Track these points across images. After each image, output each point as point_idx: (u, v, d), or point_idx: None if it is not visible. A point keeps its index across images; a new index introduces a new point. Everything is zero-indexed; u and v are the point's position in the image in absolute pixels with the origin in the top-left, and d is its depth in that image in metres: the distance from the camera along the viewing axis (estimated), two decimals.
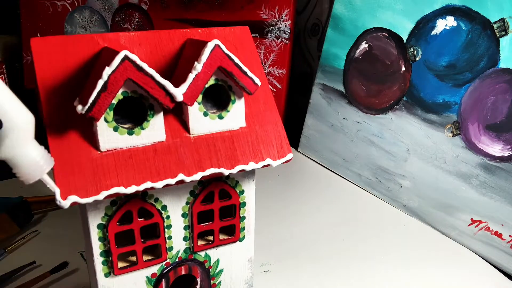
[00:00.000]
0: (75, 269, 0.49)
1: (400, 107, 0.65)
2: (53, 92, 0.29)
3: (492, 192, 0.54)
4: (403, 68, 0.64)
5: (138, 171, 0.29)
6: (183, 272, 0.36)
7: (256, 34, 0.86)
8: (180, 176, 0.30)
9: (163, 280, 0.35)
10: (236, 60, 0.30)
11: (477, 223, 0.56)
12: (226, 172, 0.32)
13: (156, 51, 0.32)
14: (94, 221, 0.30)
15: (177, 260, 0.35)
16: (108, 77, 0.26)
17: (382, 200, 0.67)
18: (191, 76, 0.29)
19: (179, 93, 0.29)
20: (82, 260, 0.51)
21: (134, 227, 0.32)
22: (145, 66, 0.27)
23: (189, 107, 0.31)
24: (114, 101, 0.28)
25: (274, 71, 0.88)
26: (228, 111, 0.33)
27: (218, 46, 0.29)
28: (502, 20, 0.53)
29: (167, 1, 0.95)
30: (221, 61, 0.30)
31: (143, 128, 0.30)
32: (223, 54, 0.30)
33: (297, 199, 0.66)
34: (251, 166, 0.33)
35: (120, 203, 0.31)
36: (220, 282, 0.38)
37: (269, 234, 0.57)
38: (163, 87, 0.28)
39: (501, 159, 0.53)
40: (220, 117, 0.32)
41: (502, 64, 0.53)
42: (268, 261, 0.52)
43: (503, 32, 0.53)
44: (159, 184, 0.29)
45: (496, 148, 0.54)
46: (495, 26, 0.54)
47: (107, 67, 0.26)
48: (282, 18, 0.85)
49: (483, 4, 0.55)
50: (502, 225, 0.53)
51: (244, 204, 0.36)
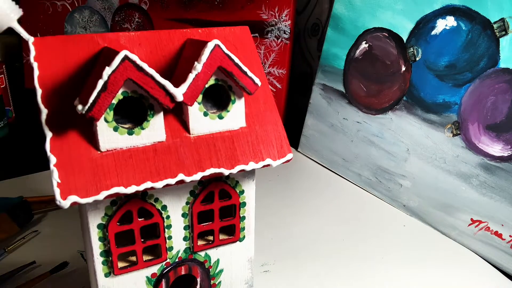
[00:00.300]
0: (75, 269, 0.49)
1: (400, 107, 0.65)
2: (53, 92, 0.29)
3: (492, 192, 0.54)
4: (403, 68, 0.64)
5: (138, 171, 0.29)
6: (183, 272, 0.36)
7: (256, 34, 0.86)
8: (180, 176, 0.30)
9: (163, 280, 0.35)
10: (236, 60, 0.30)
11: (477, 223, 0.56)
12: (226, 172, 0.32)
13: (156, 51, 0.32)
14: (94, 221, 0.30)
15: (177, 260, 0.35)
16: (108, 77, 0.26)
17: (382, 200, 0.67)
18: (191, 76, 0.29)
19: (179, 93, 0.28)
20: (82, 260, 0.51)
21: (134, 227, 0.32)
22: (145, 66, 0.27)
23: (189, 107, 0.31)
24: (114, 101, 0.28)
25: (274, 71, 0.88)
26: (228, 111, 0.33)
27: (218, 46, 0.29)
28: (502, 20, 0.53)
29: (167, 1, 0.95)
30: (221, 61, 0.30)
31: (143, 128, 0.30)
32: (223, 54, 0.30)
33: (297, 199, 0.66)
34: (251, 166, 0.33)
35: (120, 203, 0.31)
36: (220, 282, 0.38)
37: (269, 234, 0.57)
38: (163, 87, 0.28)
39: (501, 159, 0.53)
40: (220, 117, 0.32)
41: (502, 64, 0.53)
42: (268, 261, 0.52)
43: (503, 32, 0.53)
44: (159, 184, 0.29)
45: (496, 148, 0.54)
46: (495, 26, 0.54)
47: (107, 67, 0.26)
48: (282, 18, 0.85)
49: (483, 4, 0.55)
50: (502, 225, 0.53)
51: (244, 204, 0.36)
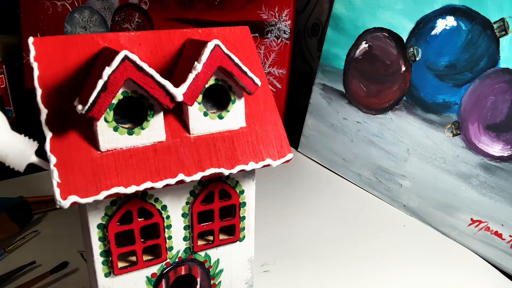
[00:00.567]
0: (75, 269, 0.49)
1: (400, 107, 0.65)
2: (53, 92, 0.29)
3: (492, 192, 0.54)
4: (403, 68, 0.64)
5: (138, 171, 0.29)
6: (183, 272, 0.36)
7: (256, 34, 0.86)
8: (180, 176, 0.30)
9: (163, 280, 0.35)
10: (236, 60, 0.30)
11: (477, 223, 0.56)
12: (226, 172, 0.32)
13: (156, 51, 0.32)
14: (94, 221, 0.30)
15: (177, 260, 0.35)
16: (108, 77, 0.26)
17: (382, 200, 0.67)
18: (191, 76, 0.29)
19: (179, 93, 0.28)
20: (82, 260, 0.51)
21: (134, 227, 0.32)
22: (145, 66, 0.27)
23: (189, 107, 0.31)
24: (114, 101, 0.28)
25: (274, 71, 0.88)
26: (228, 111, 0.33)
27: (218, 46, 0.29)
28: (502, 20, 0.53)
29: (167, 1, 0.95)
30: (221, 61, 0.30)
31: (143, 128, 0.30)
32: (223, 54, 0.30)
33: (297, 199, 0.66)
34: (251, 166, 0.33)
35: (120, 203, 0.31)
36: (220, 282, 0.38)
37: (269, 234, 0.57)
38: (163, 87, 0.28)
39: (501, 159, 0.53)
40: (220, 117, 0.32)
41: (502, 64, 0.53)
42: (268, 261, 0.52)
43: (503, 32, 0.53)
44: (159, 184, 0.29)
45: (496, 148, 0.54)
46: (495, 26, 0.54)
47: (107, 67, 0.26)
48: (282, 18, 0.85)
49: (483, 4, 0.55)
50: (502, 225, 0.53)
51: (244, 204, 0.36)
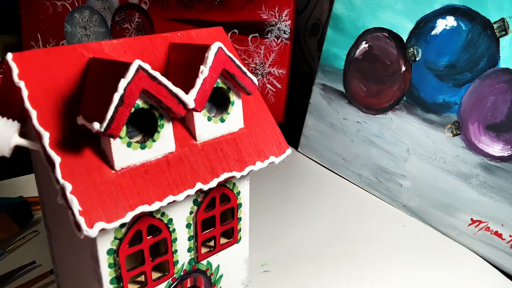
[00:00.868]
0: None
1: (400, 107, 0.65)
2: (48, 111, 0.26)
3: (492, 192, 0.54)
4: (403, 68, 0.64)
5: (157, 186, 0.28)
6: (189, 285, 0.35)
7: (256, 34, 0.86)
8: (198, 185, 0.29)
9: None
10: (237, 61, 0.30)
11: (477, 223, 0.56)
12: (238, 175, 0.31)
13: (142, 58, 0.31)
14: (103, 247, 0.28)
15: (182, 273, 0.34)
16: (124, 89, 0.24)
17: (382, 200, 0.67)
18: (198, 81, 0.28)
19: (190, 100, 0.27)
20: None
21: (143, 246, 0.30)
22: (157, 75, 0.26)
23: (194, 114, 0.30)
24: None
25: (274, 71, 0.88)
26: (228, 113, 0.32)
27: (221, 48, 0.29)
28: (502, 20, 0.53)
29: (167, 1, 0.95)
30: (224, 63, 0.29)
31: (154, 141, 0.28)
32: (226, 56, 0.29)
33: (297, 199, 0.66)
34: (258, 165, 0.33)
35: (130, 223, 0.29)
36: None
37: (269, 234, 0.57)
38: (175, 96, 0.27)
39: (501, 159, 0.53)
40: (222, 120, 0.32)
41: (502, 64, 0.53)
42: (268, 261, 0.52)
43: (503, 32, 0.53)
44: (181, 197, 0.28)
45: (496, 148, 0.54)
46: (495, 26, 0.54)
47: (122, 79, 0.24)
48: (282, 18, 0.85)
49: (483, 4, 0.55)
50: (502, 225, 0.53)
51: (240, 205, 0.36)
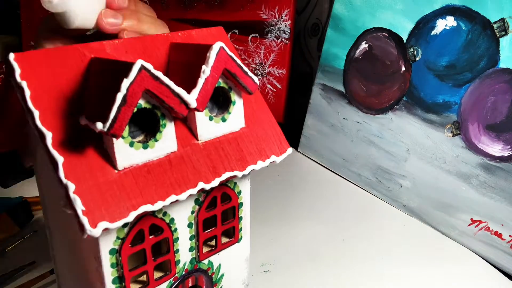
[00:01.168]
0: None
1: (400, 107, 0.65)
2: (50, 111, 0.26)
3: (492, 192, 0.54)
4: (403, 68, 0.64)
5: (160, 185, 0.28)
6: (190, 284, 0.35)
7: (256, 34, 0.86)
8: (201, 185, 0.29)
9: None
10: (238, 60, 0.30)
11: (477, 223, 0.56)
12: (240, 174, 0.31)
13: (144, 57, 0.31)
14: (106, 247, 0.28)
15: (183, 273, 0.34)
16: (127, 89, 0.24)
17: (382, 200, 0.67)
18: (200, 81, 0.28)
19: (192, 99, 0.27)
20: None
21: (146, 246, 0.30)
22: (160, 74, 0.26)
23: (196, 113, 0.30)
24: None
25: (274, 71, 0.88)
26: (229, 113, 0.32)
27: (223, 48, 0.29)
28: (502, 20, 0.53)
29: (167, 1, 0.95)
30: (225, 62, 0.29)
31: (156, 140, 0.28)
32: (227, 56, 0.29)
33: (297, 199, 0.66)
34: (259, 165, 0.32)
35: (132, 223, 0.29)
36: (221, 287, 0.38)
37: (269, 234, 0.57)
38: (178, 95, 0.27)
39: (501, 159, 0.53)
40: (223, 119, 0.32)
41: (502, 64, 0.53)
42: (268, 261, 0.52)
43: (503, 32, 0.53)
44: (183, 196, 0.28)
45: (496, 148, 0.54)
46: (495, 26, 0.54)
47: (125, 79, 0.24)
48: (282, 18, 0.85)
49: (483, 4, 0.55)
50: (502, 225, 0.53)
51: (241, 204, 0.36)
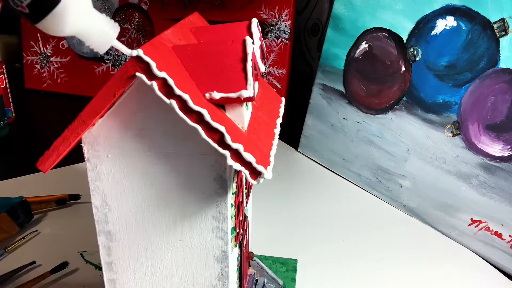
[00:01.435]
0: (75, 269, 0.50)
1: (400, 107, 0.65)
2: (191, 94, 0.27)
3: (492, 192, 0.54)
4: (403, 68, 0.64)
5: (263, 136, 0.31)
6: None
7: None
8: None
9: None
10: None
11: (477, 223, 0.56)
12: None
13: (194, 41, 0.35)
14: (229, 200, 0.31)
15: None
16: (251, 59, 0.27)
17: (382, 200, 0.67)
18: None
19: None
20: (82, 260, 0.51)
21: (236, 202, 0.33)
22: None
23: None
24: None
25: (274, 71, 0.88)
26: None
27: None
28: (502, 20, 0.53)
29: (167, 1, 0.95)
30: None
31: (247, 105, 0.31)
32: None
33: (297, 199, 0.66)
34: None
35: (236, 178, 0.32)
36: None
37: (269, 234, 0.57)
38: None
39: (501, 159, 0.53)
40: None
41: (502, 64, 0.53)
42: None
43: (503, 32, 0.53)
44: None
45: (496, 148, 0.54)
46: (495, 26, 0.54)
47: (248, 51, 0.27)
48: (282, 18, 0.85)
49: (483, 4, 0.55)
50: (502, 225, 0.53)
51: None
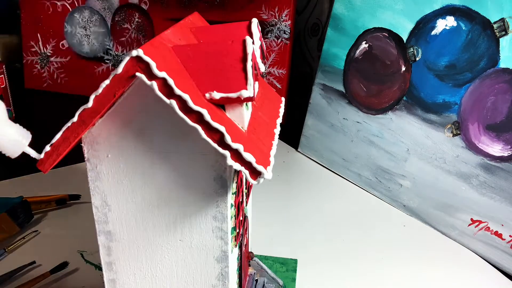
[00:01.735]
0: (75, 269, 0.50)
1: (400, 107, 0.65)
2: (191, 94, 0.27)
3: (492, 192, 0.54)
4: (403, 68, 0.64)
5: (263, 137, 0.32)
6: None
7: None
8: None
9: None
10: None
11: (477, 223, 0.56)
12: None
13: (194, 41, 0.35)
14: (229, 201, 0.31)
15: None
16: (251, 59, 0.28)
17: (382, 200, 0.67)
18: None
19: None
20: (82, 260, 0.51)
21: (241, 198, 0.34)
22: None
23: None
24: None
25: (274, 71, 0.88)
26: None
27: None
28: (502, 20, 0.53)
29: (167, 1, 0.95)
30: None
31: (247, 105, 0.31)
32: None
33: (297, 199, 0.66)
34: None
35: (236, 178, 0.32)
36: None
37: (269, 234, 0.57)
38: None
39: (501, 159, 0.53)
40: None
41: (502, 64, 0.53)
42: None
43: (503, 32, 0.53)
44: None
45: (496, 148, 0.54)
46: (495, 26, 0.54)
47: (248, 51, 0.28)
48: (282, 18, 0.85)
49: (483, 4, 0.55)
50: (502, 225, 0.53)
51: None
